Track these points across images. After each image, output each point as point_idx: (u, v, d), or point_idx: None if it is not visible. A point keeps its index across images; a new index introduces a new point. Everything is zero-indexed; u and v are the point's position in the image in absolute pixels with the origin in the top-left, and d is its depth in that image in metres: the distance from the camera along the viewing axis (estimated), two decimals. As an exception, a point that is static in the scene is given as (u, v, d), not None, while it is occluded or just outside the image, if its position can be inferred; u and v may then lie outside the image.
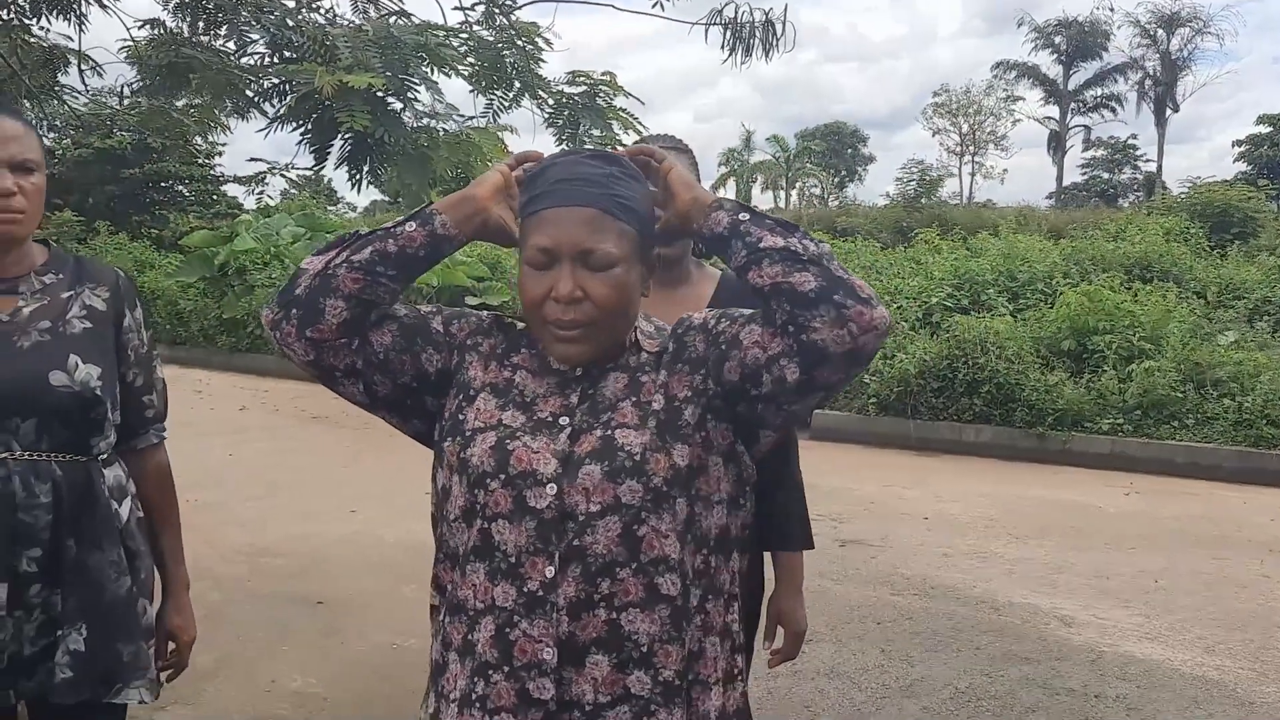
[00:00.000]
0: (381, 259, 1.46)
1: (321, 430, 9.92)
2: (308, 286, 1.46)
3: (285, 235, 16.02)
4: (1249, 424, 8.45)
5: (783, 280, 1.38)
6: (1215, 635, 4.81)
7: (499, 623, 1.40)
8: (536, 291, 1.44)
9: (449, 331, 1.55)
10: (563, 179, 1.45)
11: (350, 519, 6.56)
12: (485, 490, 1.41)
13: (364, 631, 4.68)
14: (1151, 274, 12.05)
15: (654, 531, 1.40)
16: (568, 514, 1.39)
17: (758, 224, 1.44)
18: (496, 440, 1.44)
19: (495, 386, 1.50)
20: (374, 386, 1.51)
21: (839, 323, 1.35)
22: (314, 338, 1.46)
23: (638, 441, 1.41)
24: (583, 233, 1.42)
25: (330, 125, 3.37)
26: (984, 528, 6.69)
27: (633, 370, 1.50)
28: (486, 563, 1.42)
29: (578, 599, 1.38)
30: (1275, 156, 42.01)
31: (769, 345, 1.40)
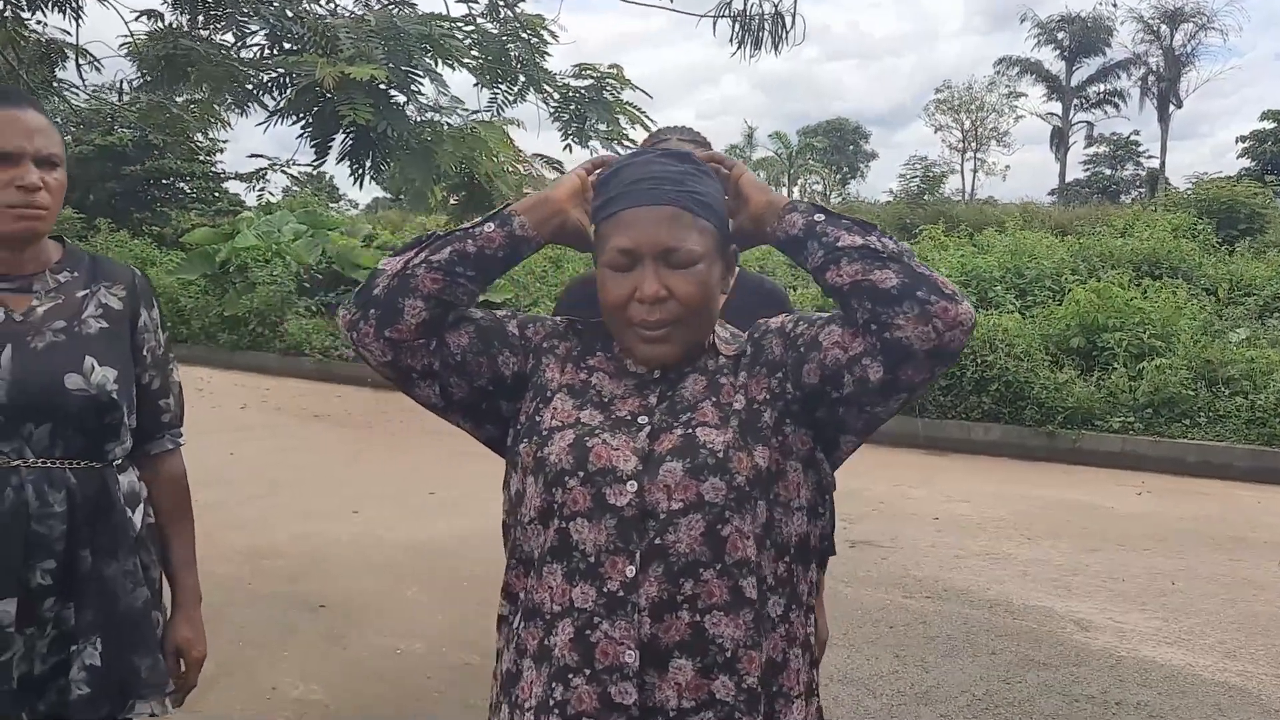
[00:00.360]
0: (461, 259, 1.46)
1: (323, 429, 9.83)
2: (386, 286, 1.45)
3: (287, 232, 15.92)
4: (1261, 422, 8.35)
5: (863, 278, 1.37)
6: (1236, 640, 4.72)
7: (578, 625, 1.37)
8: (619, 293, 1.43)
9: (524, 335, 1.54)
10: (639, 179, 1.45)
11: (352, 519, 6.47)
12: (563, 489, 1.40)
13: (366, 635, 4.58)
14: (1160, 271, 11.95)
15: (737, 532, 1.37)
16: (648, 512, 1.37)
17: (833, 224, 1.44)
18: (575, 438, 1.42)
19: (572, 388, 1.50)
20: (450, 389, 1.50)
21: (923, 319, 1.33)
22: (392, 338, 1.45)
23: (719, 440, 1.40)
24: (664, 231, 1.42)
25: (331, 119, 3.27)
26: (995, 528, 6.59)
27: (711, 373, 1.49)
28: (564, 563, 1.39)
29: (660, 599, 1.35)
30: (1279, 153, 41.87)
31: (850, 345, 1.39)
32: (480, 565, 5.56)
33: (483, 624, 4.81)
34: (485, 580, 5.48)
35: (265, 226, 16.10)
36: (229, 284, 14.89)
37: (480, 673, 2.87)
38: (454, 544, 5.98)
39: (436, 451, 8.66)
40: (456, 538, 6.08)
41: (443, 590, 5.16)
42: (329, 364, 12.97)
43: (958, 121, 58.53)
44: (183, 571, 2.01)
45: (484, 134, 3.63)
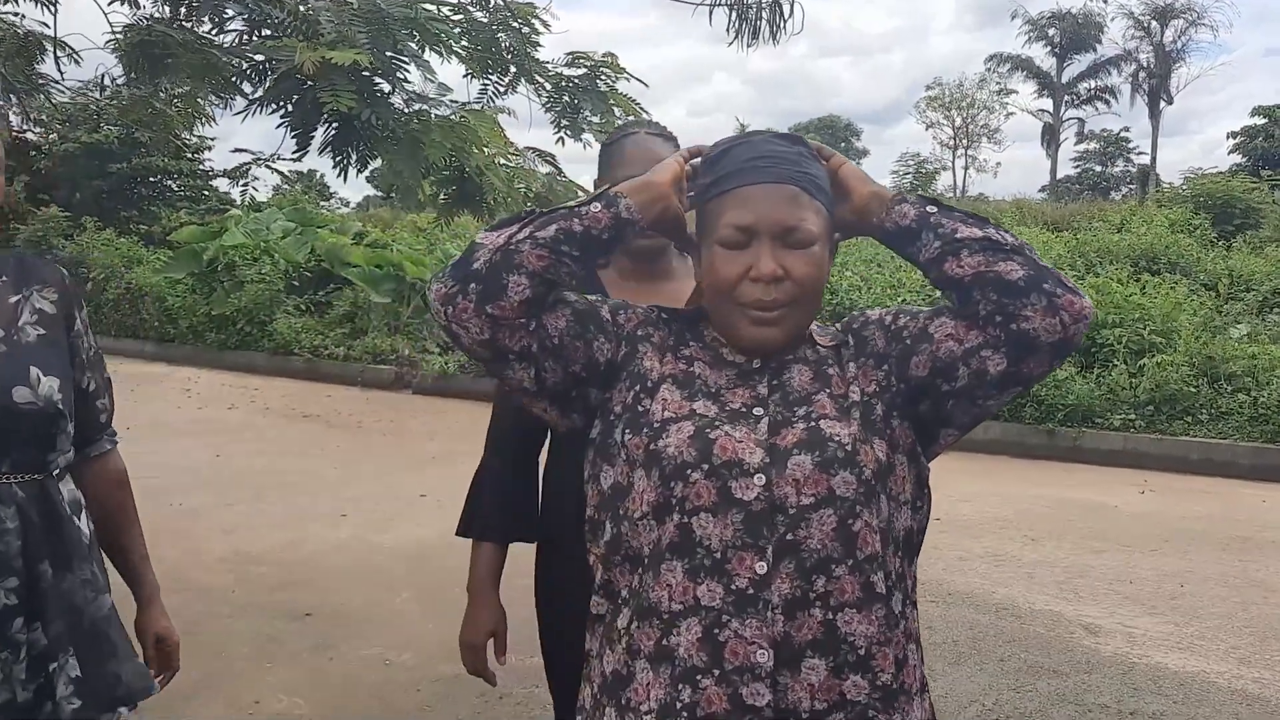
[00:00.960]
0: (567, 237, 1.40)
1: (312, 430, 9.66)
2: (488, 260, 1.38)
3: (275, 230, 15.72)
4: (1265, 419, 8.23)
5: (987, 270, 1.36)
6: (1249, 645, 4.59)
7: (706, 623, 1.31)
8: (732, 271, 1.40)
9: (617, 321, 1.49)
10: (755, 157, 1.43)
11: (341, 524, 6.31)
12: (685, 482, 1.34)
13: (354, 646, 4.43)
14: (1158, 266, 11.83)
15: (867, 527, 1.34)
16: (778, 506, 1.32)
17: (948, 216, 1.42)
18: (695, 429, 1.37)
19: (676, 378, 1.45)
20: (544, 373, 1.43)
21: (1051, 311, 1.33)
22: (494, 314, 1.37)
23: (845, 432, 1.36)
24: (784, 209, 1.39)
25: (313, 107, 3.11)
26: (998, 529, 6.45)
27: (814, 363, 1.46)
28: (686, 560, 1.33)
29: (793, 597, 1.31)
30: (1270, 148, 41.91)
31: (965, 338, 1.38)
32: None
33: (474, 632, 4.67)
34: (477, 586, 5.34)
35: (253, 224, 15.90)
36: (217, 283, 14.69)
37: (472, 685, 2.71)
38: (445, 548, 5.80)
39: (428, 451, 8.51)
40: (448, 542, 5.85)
41: (434, 598, 5.00)
42: (318, 363, 12.80)
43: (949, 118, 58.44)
44: (141, 566, 2.00)
45: (474, 123, 3.47)
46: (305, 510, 6.58)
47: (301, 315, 13.77)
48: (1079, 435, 8.62)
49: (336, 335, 13.09)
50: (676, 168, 1.49)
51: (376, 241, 15.69)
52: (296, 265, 14.67)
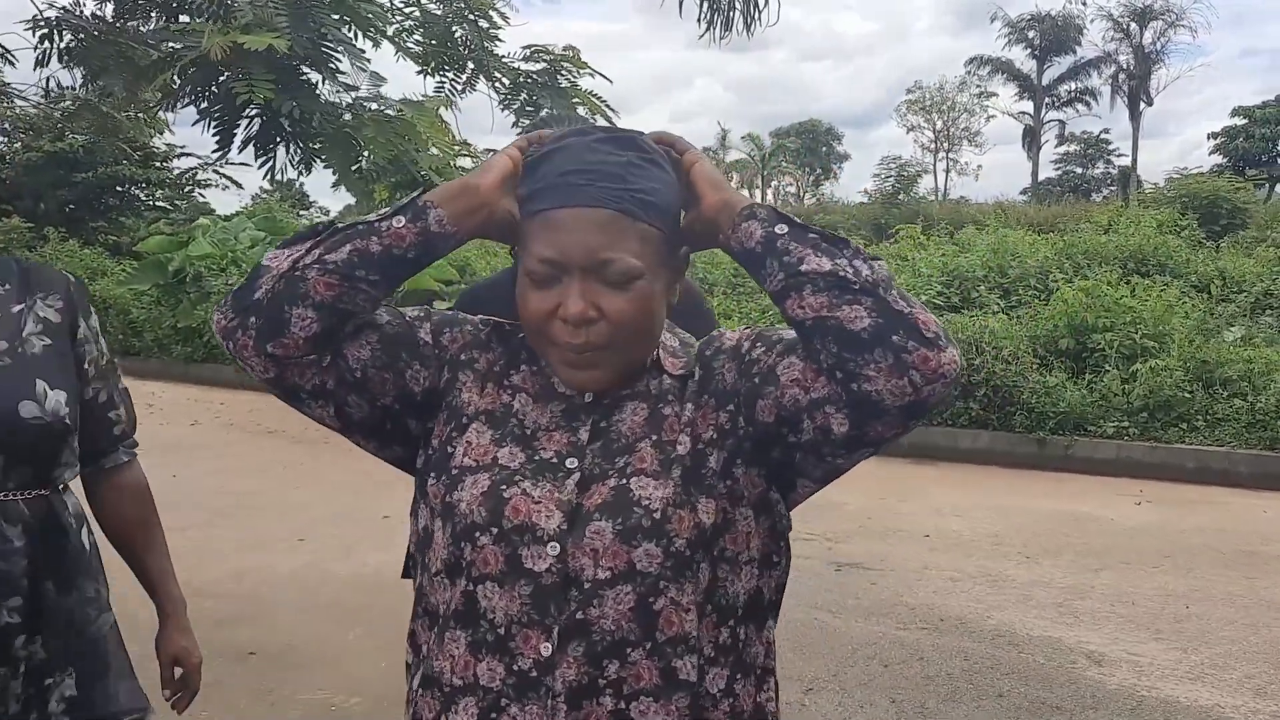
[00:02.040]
0: (362, 261, 1.19)
1: (276, 446, 9.29)
2: (270, 290, 1.19)
3: (244, 239, 15.31)
4: (1263, 425, 7.96)
5: (828, 315, 1.13)
6: (1264, 674, 4.28)
7: (483, 705, 1.18)
8: (540, 308, 1.21)
9: (439, 343, 1.30)
10: (571, 170, 1.21)
11: (298, 550, 5.95)
12: (473, 545, 1.19)
13: (298, 689, 4.08)
14: (1148, 268, 11.57)
15: (672, 605, 1.17)
16: (571, 580, 1.17)
17: (798, 239, 1.18)
18: (490, 485, 1.21)
19: (491, 414, 1.27)
20: (347, 409, 1.26)
21: (898, 370, 1.10)
22: (277, 353, 1.20)
23: (658, 495, 1.18)
24: (596, 240, 1.18)
25: (230, 99, 2.77)
26: (991, 546, 6.14)
27: (654, 399, 1.27)
28: (469, 632, 1.20)
29: (579, 684, 1.16)
30: (1250, 148, 42.01)
31: (811, 386, 1.16)
32: (432, 601, 5.06)
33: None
34: (438, 618, 4.98)
35: (221, 234, 15.49)
36: (183, 294, 14.28)
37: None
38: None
39: (393, 471, 8.09)
40: (409, 568, 5.57)
41: (389, 633, 4.64)
42: (286, 376, 12.41)
43: (930, 122, 58.49)
44: (163, 581, 1.94)
45: (414, 117, 3.13)
46: (261, 536, 6.22)
47: (270, 327, 13.37)
48: (1071, 444, 8.34)
49: (306, 347, 12.71)
50: (506, 164, 1.26)
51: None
52: (265, 275, 14.28)
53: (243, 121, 2.97)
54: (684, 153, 1.28)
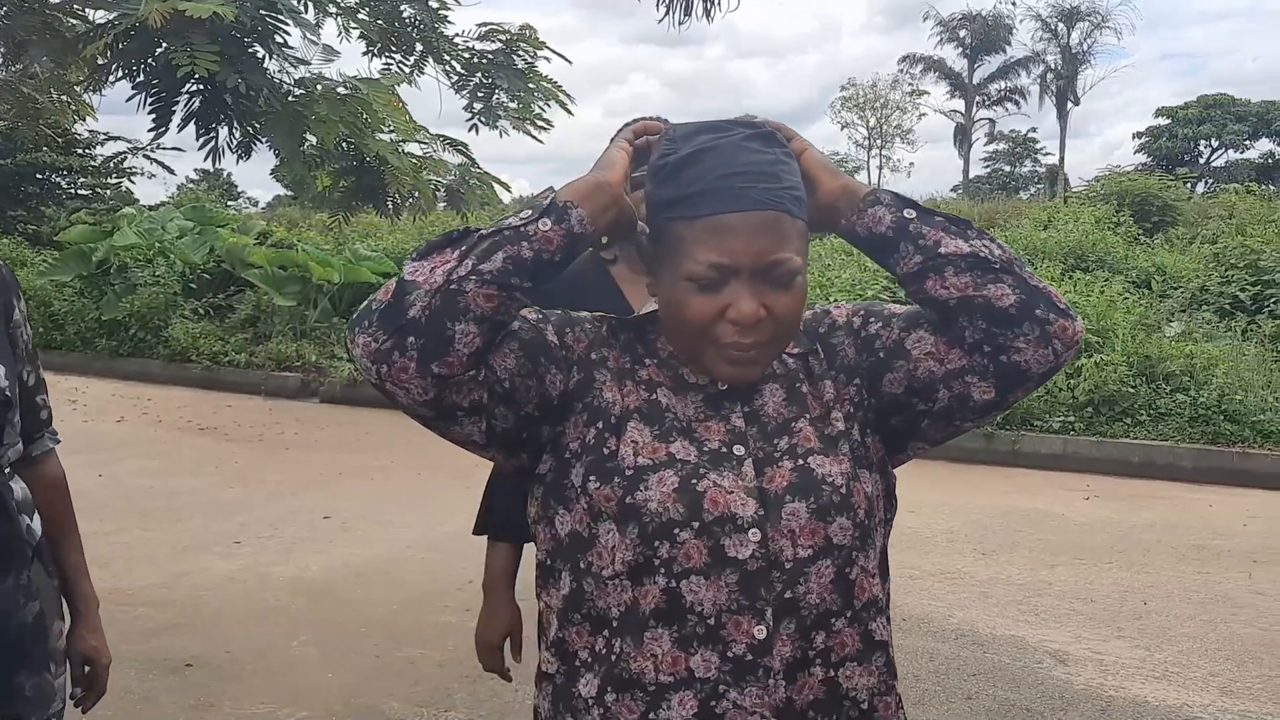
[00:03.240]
0: (517, 268, 1.17)
1: (209, 444, 8.95)
2: (427, 306, 1.13)
3: (171, 229, 14.81)
4: (1205, 420, 8.03)
5: (975, 294, 1.20)
6: (1227, 671, 4.25)
7: (702, 697, 1.19)
8: (706, 312, 1.20)
9: (565, 344, 1.28)
10: (729, 173, 1.19)
11: (234, 553, 5.68)
12: (672, 542, 1.19)
13: (239, 702, 3.85)
14: (1087, 264, 11.68)
15: (863, 572, 1.25)
16: (773, 562, 1.20)
17: (928, 222, 1.25)
18: (679, 481, 1.20)
19: (643, 412, 1.26)
20: (494, 421, 1.22)
21: (1044, 341, 1.20)
22: (442, 373, 1.15)
23: (838, 471, 1.24)
24: (766, 243, 1.19)
25: (169, 73, 2.55)
26: (946, 542, 6.08)
27: (785, 380, 1.30)
28: (675, 628, 1.19)
29: (793, 659, 1.20)
30: (1173, 148, 43.07)
31: (947, 358, 1.24)
32: (380, 607, 4.85)
33: (382, 682, 4.12)
34: (386, 625, 4.76)
35: (148, 224, 14.97)
36: (107, 286, 13.75)
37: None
38: (351, 579, 5.25)
39: (335, 467, 7.90)
40: (354, 571, 5.35)
41: (335, 640, 4.44)
42: (217, 371, 12.02)
43: (863, 119, 58.90)
44: (77, 578, 1.90)
45: (369, 93, 2.93)
46: (195, 538, 5.93)
47: (200, 320, 12.96)
48: (1018, 439, 8.34)
49: (237, 341, 12.34)
50: (625, 159, 1.28)
51: (281, 241, 14.90)
52: (194, 267, 13.84)
53: (182, 97, 2.75)
54: (791, 139, 1.29)
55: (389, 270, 13.53)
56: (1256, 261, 10.85)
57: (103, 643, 1.93)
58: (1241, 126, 41.78)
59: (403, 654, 4.29)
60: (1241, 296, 10.54)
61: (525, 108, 4.46)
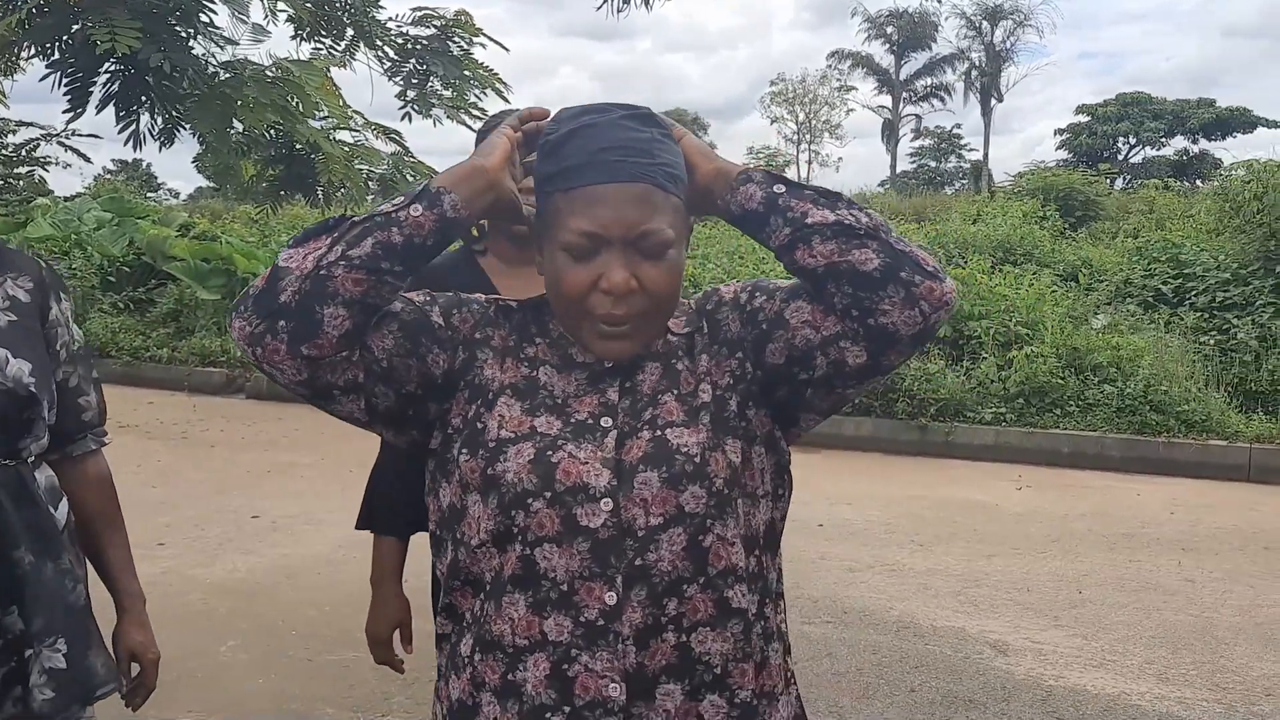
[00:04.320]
0: (387, 253, 1.23)
1: (129, 442, 8.63)
2: (297, 291, 1.21)
3: (88, 221, 14.34)
4: (1131, 410, 8.18)
5: (840, 259, 1.24)
6: (1162, 658, 4.30)
7: (554, 659, 1.24)
8: (579, 281, 1.26)
9: (451, 324, 1.33)
10: (604, 147, 1.26)
11: (157, 555, 5.48)
12: (526, 511, 1.24)
13: (165, 710, 3.67)
14: (1016, 257, 11.85)
15: (719, 540, 1.27)
16: (626, 530, 1.24)
17: (797, 195, 1.29)
18: (535, 452, 1.26)
19: (517, 387, 1.32)
20: (374, 399, 1.29)
21: (909, 302, 1.23)
22: (311, 354, 1.22)
23: (694, 441, 1.27)
24: (636, 213, 1.24)
25: (86, 51, 2.40)
26: (884, 534, 6.10)
27: (665, 357, 1.35)
28: (530, 593, 1.25)
29: (644, 625, 1.23)
30: (1093, 144, 44.03)
31: (822, 325, 1.28)
32: (312, 607, 4.71)
33: (315, 686, 3.98)
34: (318, 627, 4.60)
35: (63, 215, 14.48)
36: (21, 279, 13.27)
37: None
38: (281, 580, 5.09)
39: (262, 464, 7.69)
40: (284, 571, 5.20)
41: (264, 644, 4.29)
42: (138, 367, 11.66)
43: (793, 114, 59.33)
44: (124, 574, 1.95)
45: (301, 75, 2.80)
46: (115, 540, 5.71)
47: (119, 314, 12.56)
48: (951, 430, 8.42)
49: (159, 335, 11.97)
50: (506, 145, 1.33)
51: (204, 233, 14.51)
52: (113, 259, 13.41)
53: (101, 78, 2.60)
54: (671, 128, 1.33)
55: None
56: (1178, 255, 11.09)
57: (150, 638, 1.98)
58: (1158, 124, 42.83)
59: (336, 657, 4.16)
60: (1164, 289, 10.77)
61: (460, 96, 4.35)
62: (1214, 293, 10.20)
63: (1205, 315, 9.98)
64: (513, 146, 1.33)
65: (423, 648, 4.37)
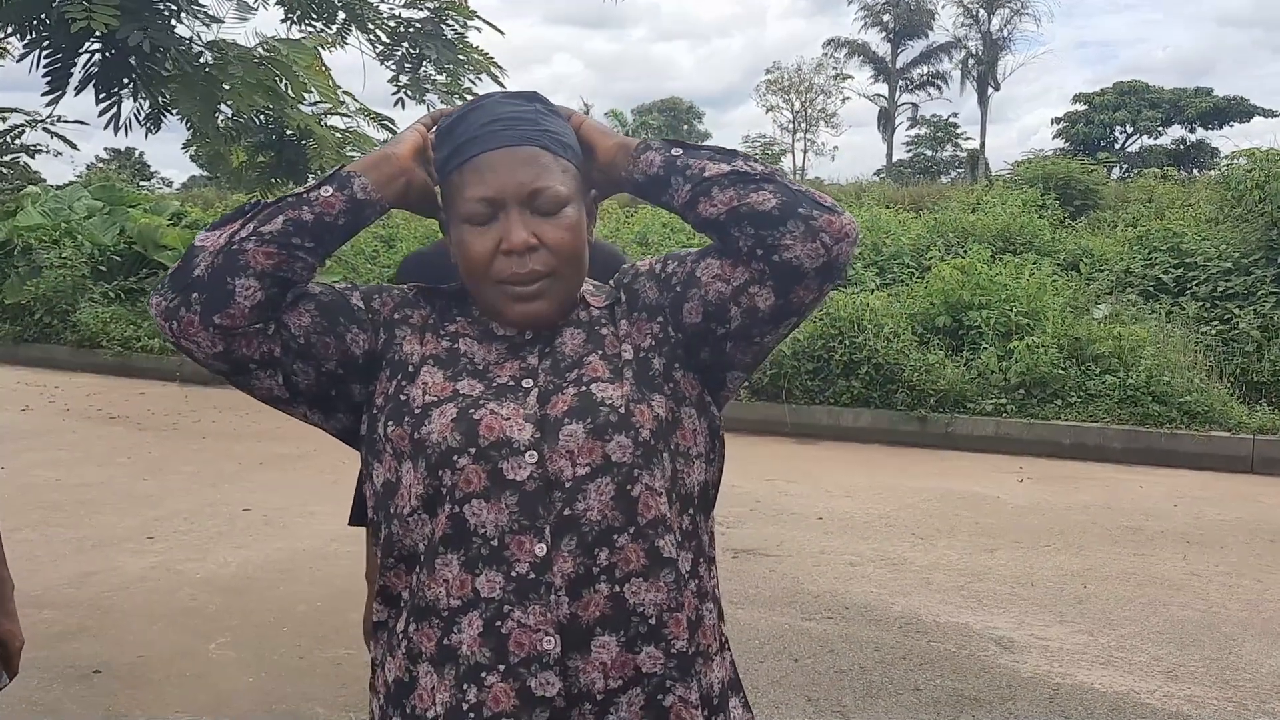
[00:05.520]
0: (297, 229, 1.29)
1: (120, 434, 8.56)
2: (210, 265, 1.26)
3: (79, 209, 14.21)
4: (1133, 401, 8.11)
5: (739, 204, 1.30)
6: (1170, 655, 4.23)
7: (487, 617, 1.23)
8: (483, 247, 1.30)
9: (371, 308, 1.37)
10: (489, 121, 1.34)
11: (147, 549, 5.39)
12: (452, 469, 1.25)
13: (151, 709, 3.61)
14: (1016, 246, 11.75)
15: (648, 489, 1.27)
16: (553, 482, 1.25)
17: (694, 155, 1.35)
18: (458, 411, 1.28)
19: (439, 358, 1.35)
20: (294, 377, 1.32)
21: (810, 235, 1.27)
22: (223, 324, 1.26)
23: (618, 394, 1.29)
24: (527, 173, 1.30)
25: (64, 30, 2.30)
26: (884, 527, 6.02)
27: (587, 324, 1.39)
28: (461, 551, 1.25)
29: (575, 575, 1.24)
30: (1090, 133, 43.93)
31: (732, 276, 1.32)
32: (303, 604, 4.62)
33: (305, 684, 3.89)
34: (309, 623, 4.52)
35: (53, 203, 14.34)
36: (10, 268, 13.16)
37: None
38: (272, 575, 5.00)
39: (254, 456, 7.59)
40: (276, 566, 5.11)
41: (256, 640, 4.20)
42: (130, 357, 11.56)
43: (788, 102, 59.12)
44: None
45: (290, 55, 2.69)
46: (104, 534, 5.62)
47: (110, 303, 12.45)
48: (951, 422, 8.34)
49: (151, 325, 11.85)
50: (417, 137, 1.39)
51: (196, 222, 14.38)
52: (104, 248, 13.29)
53: (82, 58, 2.50)
54: (570, 115, 1.41)
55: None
56: (1179, 244, 11.00)
57: (17, 627, 1.93)
58: (1155, 113, 42.74)
59: (327, 654, 4.07)
60: (1165, 279, 10.68)
61: (454, 81, 4.24)
62: (1215, 282, 10.11)
63: (1207, 305, 9.89)
64: (424, 141, 1.39)
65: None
